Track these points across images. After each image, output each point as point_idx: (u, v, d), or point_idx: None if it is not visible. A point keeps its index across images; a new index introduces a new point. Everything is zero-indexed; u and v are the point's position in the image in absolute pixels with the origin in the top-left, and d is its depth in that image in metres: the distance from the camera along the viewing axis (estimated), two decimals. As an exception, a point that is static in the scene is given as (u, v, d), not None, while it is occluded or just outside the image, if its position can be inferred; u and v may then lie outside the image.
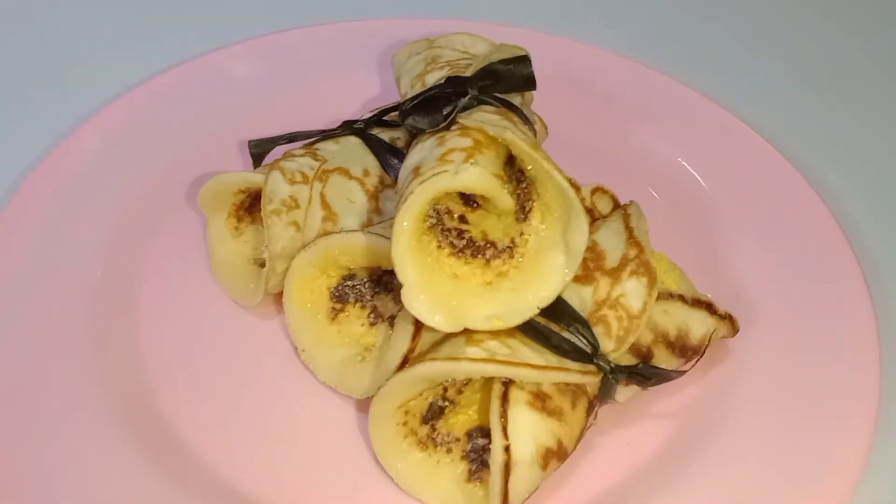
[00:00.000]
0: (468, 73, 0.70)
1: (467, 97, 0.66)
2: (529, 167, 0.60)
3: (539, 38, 0.93)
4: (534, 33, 0.94)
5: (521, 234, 0.61)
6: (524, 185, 0.61)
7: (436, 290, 0.58)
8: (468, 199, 0.62)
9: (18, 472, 0.59)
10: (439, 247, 0.60)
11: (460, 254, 0.60)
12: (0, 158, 0.83)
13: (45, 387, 0.64)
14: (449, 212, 0.61)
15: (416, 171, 0.60)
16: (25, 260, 0.72)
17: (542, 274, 0.59)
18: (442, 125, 0.64)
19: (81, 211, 0.77)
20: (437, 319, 0.57)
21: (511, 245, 0.60)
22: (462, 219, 0.61)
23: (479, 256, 0.60)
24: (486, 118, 0.63)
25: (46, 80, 0.94)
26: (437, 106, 0.66)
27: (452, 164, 0.57)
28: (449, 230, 0.60)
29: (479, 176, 0.57)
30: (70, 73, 0.95)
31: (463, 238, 0.60)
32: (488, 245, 0.60)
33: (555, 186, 0.58)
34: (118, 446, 0.62)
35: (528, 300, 0.59)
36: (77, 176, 0.79)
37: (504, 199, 0.59)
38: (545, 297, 0.59)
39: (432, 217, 0.60)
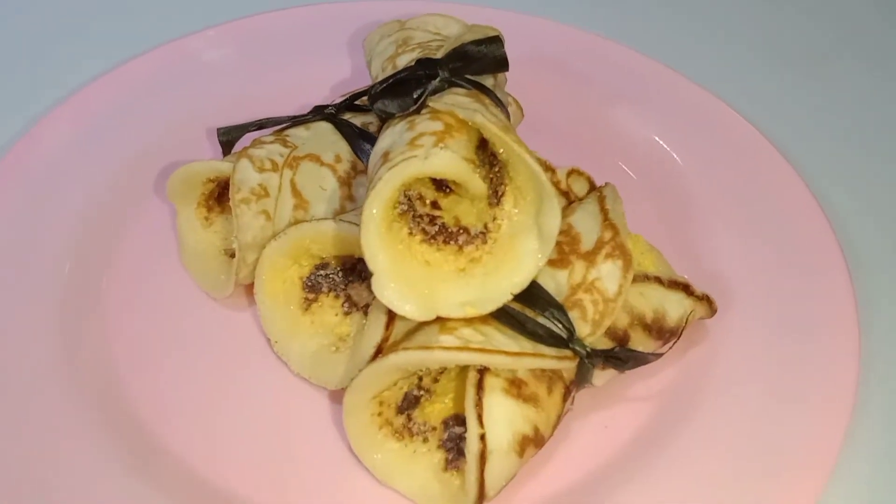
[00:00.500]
0: (439, 55, 0.69)
1: (437, 79, 0.64)
2: (501, 151, 0.59)
3: (513, 17, 0.92)
4: (508, 13, 0.93)
5: (494, 218, 0.59)
6: (497, 169, 0.60)
7: (407, 277, 0.57)
8: (440, 185, 0.61)
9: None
10: (410, 233, 0.59)
11: (432, 240, 0.59)
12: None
13: (15, 385, 0.63)
14: (421, 197, 0.60)
15: (386, 156, 0.58)
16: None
17: (516, 259, 0.58)
18: (412, 109, 0.62)
19: (47, 203, 0.75)
20: (409, 308, 0.56)
21: (484, 230, 0.59)
22: (434, 204, 0.60)
23: (452, 243, 0.59)
24: (456, 101, 0.62)
25: (13, 68, 0.92)
26: (407, 89, 0.64)
27: (422, 149, 0.56)
28: (421, 216, 0.59)
29: (450, 160, 0.56)
30: (37, 62, 0.93)
31: (435, 224, 0.59)
32: (461, 231, 0.59)
33: (526, 170, 0.57)
34: (89, 442, 0.61)
35: (502, 286, 0.58)
36: (43, 166, 0.77)
37: (476, 183, 0.58)
38: (518, 283, 0.58)
39: (403, 203, 0.59)
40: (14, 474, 0.58)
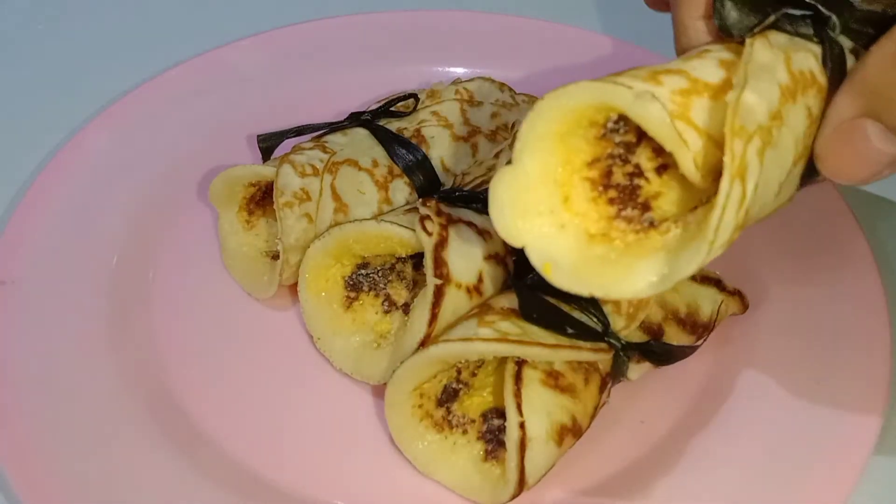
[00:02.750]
0: None
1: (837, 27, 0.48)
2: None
3: (546, 27, 0.93)
4: (538, 22, 0.95)
5: (631, 221, 0.47)
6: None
7: (528, 198, 0.46)
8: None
9: (35, 456, 0.59)
10: (586, 164, 0.47)
11: (598, 188, 0.47)
12: (13, 155, 0.84)
13: (66, 381, 0.65)
14: (630, 147, 0.46)
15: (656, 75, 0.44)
16: (38, 258, 0.72)
17: (629, 275, 0.45)
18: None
19: (92, 208, 0.77)
20: (513, 229, 0.46)
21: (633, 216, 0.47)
22: (637, 168, 0.46)
23: (613, 204, 0.47)
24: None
25: (55, 77, 0.95)
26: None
27: (642, 84, 0.43)
28: (612, 156, 0.46)
29: (660, 118, 0.42)
30: (79, 71, 0.96)
31: (614, 176, 0.47)
32: (634, 201, 0.47)
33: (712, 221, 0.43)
34: (137, 436, 0.63)
35: (595, 282, 0.46)
36: (87, 173, 0.79)
37: (686, 167, 0.43)
38: (619, 293, 0.46)
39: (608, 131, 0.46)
40: (62, 461, 0.60)
